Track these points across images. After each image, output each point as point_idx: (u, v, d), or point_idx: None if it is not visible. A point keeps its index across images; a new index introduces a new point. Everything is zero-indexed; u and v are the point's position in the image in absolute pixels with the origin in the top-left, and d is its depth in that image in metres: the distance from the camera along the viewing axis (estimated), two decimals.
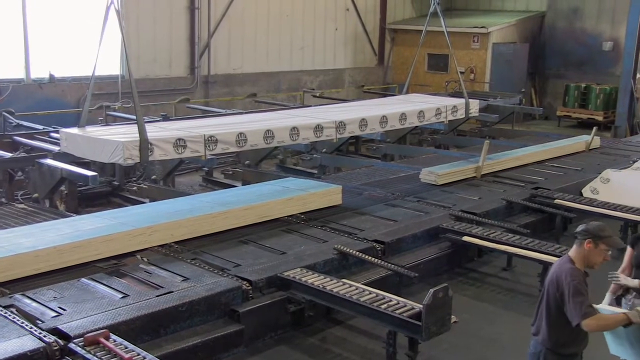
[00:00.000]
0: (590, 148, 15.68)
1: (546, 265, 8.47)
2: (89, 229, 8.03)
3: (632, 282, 5.69)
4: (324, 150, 14.26)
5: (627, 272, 5.85)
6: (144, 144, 8.61)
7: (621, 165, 13.78)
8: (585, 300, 4.70)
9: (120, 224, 8.22)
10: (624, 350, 4.83)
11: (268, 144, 10.66)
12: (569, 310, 4.75)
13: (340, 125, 11.59)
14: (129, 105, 13.30)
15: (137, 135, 8.67)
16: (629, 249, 5.89)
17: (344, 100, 18.01)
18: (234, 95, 20.15)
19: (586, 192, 12.30)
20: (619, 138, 18.86)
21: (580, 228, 4.95)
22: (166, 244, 8.21)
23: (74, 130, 9.76)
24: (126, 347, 5.42)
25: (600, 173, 12.84)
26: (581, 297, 4.69)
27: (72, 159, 10.48)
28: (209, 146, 9.46)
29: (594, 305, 4.90)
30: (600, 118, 21.71)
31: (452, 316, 6.61)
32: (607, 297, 5.83)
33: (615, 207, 10.65)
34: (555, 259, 8.27)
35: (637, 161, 13.93)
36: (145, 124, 9.06)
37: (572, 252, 4.96)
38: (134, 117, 9.56)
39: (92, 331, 5.71)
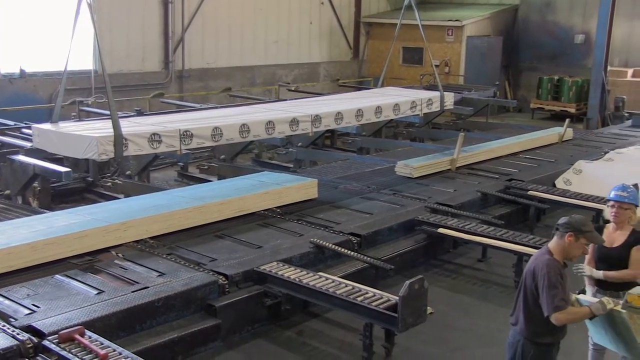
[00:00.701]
0: (563, 140, 15.84)
1: (520, 256, 8.58)
2: (63, 225, 7.96)
3: (597, 274, 5.77)
4: (299, 144, 14.26)
5: (591, 266, 5.91)
6: (119, 139, 8.54)
7: (593, 156, 13.94)
8: (559, 292, 4.74)
9: (94, 220, 8.15)
10: (603, 338, 4.89)
11: (244, 138, 10.62)
12: (542, 301, 4.81)
13: (316, 119, 11.59)
14: (103, 101, 13.16)
15: (111, 130, 8.60)
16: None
17: (320, 94, 17.99)
18: (208, 90, 20.05)
19: (559, 183, 12.44)
20: (591, 130, 19.06)
21: (562, 220, 4.98)
22: (141, 240, 8.16)
23: (46, 126, 9.65)
24: (102, 344, 5.39)
25: (573, 164, 12.99)
26: (555, 289, 4.74)
27: (45, 155, 10.35)
28: (184, 141, 9.41)
29: (574, 295, 4.96)
30: (572, 110, 21.89)
31: (428, 307, 6.65)
32: (589, 290, 5.89)
33: (588, 197, 10.77)
34: (529, 249, 8.43)
35: (608, 152, 14.11)
36: (120, 119, 8.98)
37: (552, 243, 5.00)
38: (107, 112, 9.48)
39: (66, 328, 5.66)
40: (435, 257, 9.56)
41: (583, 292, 5.67)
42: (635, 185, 10.11)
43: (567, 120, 16.44)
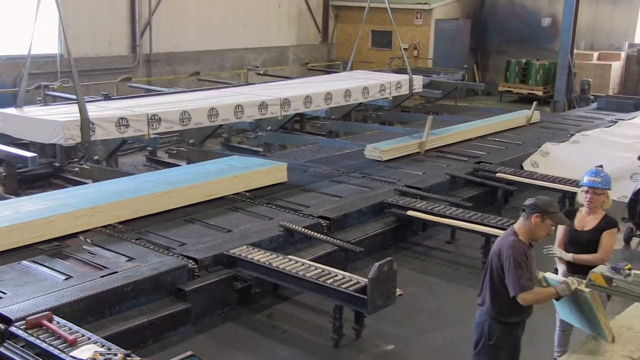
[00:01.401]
0: (531, 122, 16.01)
1: (488, 238, 8.67)
2: (29, 211, 7.87)
3: (567, 256, 5.84)
4: (268, 128, 14.21)
5: (562, 248, 5.99)
6: (85, 124, 8.47)
7: (560, 138, 14.11)
8: (525, 273, 4.79)
9: (61, 206, 8.07)
10: (569, 316, 4.96)
11: (212, 122, 10.59)
12: (508, 282, 4.87)
13: (285, 103, 11.58)
14: (69, 85, 12.98)
15: (78, 114, 8.51)
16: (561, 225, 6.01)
17: (288, 78, 17.93)
18: (176, 74, 19.86)
19: (526, 165, 12.59)
20: (558, 112, 19.28)
21: (528, 202, 5.01)
22: (110, 225, 8.11)
23: (11, 111, 9.53)
24: (70, 329, 5.35)
25: (540, 147, 13.15)
26: (520, 270, 4.79)
27: (10, 140, 10.22)
28: (152, 125, 9.35)
29: (541, 273, 5.03)
30: (540, 93, 22.10)
31: (397, 289, 6.71)
32: (560, 269, 5.95)
33: (554, 179, 10.91)
34: (497, 230, 8.52)
35: (574, 134, 14.29)
36: (86, 104, 8.90)
37: (518, 224, 5.04)
38: (74, 96, 9.37)
39: (34, 314, 5.61)
40: (404, 239, 9.63)
41: (555, 272, 5.73)
42: (600, 167, 10.31)
43: (535, 103, 16.62)
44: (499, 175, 11.23)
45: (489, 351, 4.98)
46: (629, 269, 4.16)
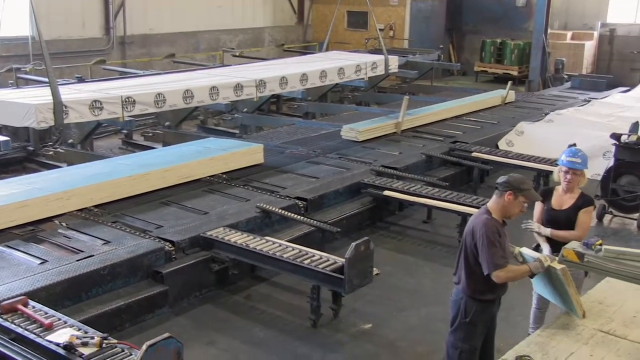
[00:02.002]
0: (506, 102, 16.10)
1: (465, 217, 8.72)
2: (3, 195, 7.78)
3: (545, 231, 5.88)
4: (245, 109, 14.15)
5: None
6: (58, 107, 8.38)
7: (534, 118, 14.22)
8: (498, 251, 4.82)
9: (36, 190, 7.99)
10: (544, 290, 5.02)
11: (187, 104, 10.53)
12: (482, 260, 4.90)
13: (261, 84, 11.54)
14: (41, 68, 12.82)
15: (51, 97, 8.42)
16: (538, 203, 6.05)
17: (264, 60, 17.86)
18: (151, 56, 19.68)
19: (502, 144, 12.68)
20: (533, 92, 19.38)
21: (501, 179, 5.02)
22: (85, 208, 8.05)
23: None
24: (46, 313, 5.32)
25: (515, 126, 13.24)
26: (494, 248, 4.82)
27: None
28: (126, 107, 9.29)
29: (517, 248, 5.08)
30: (515, 73, 22.20)
31: (374, 269, 6.75)
32: (545, 248, 5.89)
33: (529, 158, 11.01)
34: (473, 210, 8.56)
35: (549, 114, 14.40)
36: (60, 86, 8.81)
37: (491, 202, 5.06)
38: (46, 79, 9.25)
39: (9, 299, 5.56)
40: (381, 219, 9.68)
41: (535, 249, 5.75)
42: (573, 145, 10.41)
43: (510, 82, 16.70)
44: (474, 154, 11.29)
45: (465, 328, 5.04)
46: (600, 245, 4.22)
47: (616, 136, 9.72)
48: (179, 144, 11.09)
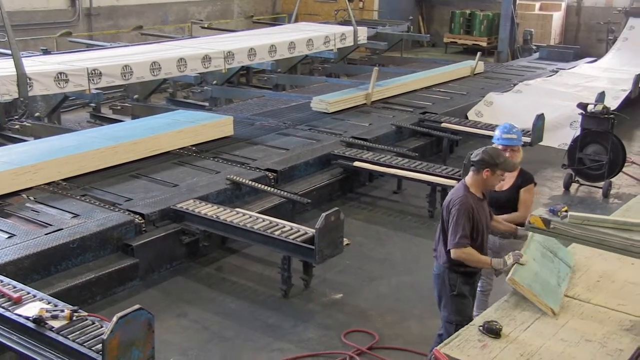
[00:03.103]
0: (475, 73, 16.16)
1: (434, 187, 8.82)
2: None
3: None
4: (214, 82, 14.02)
5: None
6: (22, 79, 8.24)
7: (503, 88, 14.31)
8: (463, 231, 4.82)
9: (2, 163, 7.86)
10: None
11: (155, 76, 10.42)
12: (448, 235, 4.93)
13: (229, 56, 11.43)
14: (4, 40, 12.56)
15: (14, 69, 8.26)
16: None
17: (233, 31, 17.67)
18: (118, 29, 19.36)
19: (471, 115, 12.75)
20: (501, 63, 19.48)
21: (476, 157, 4.95)
22: (53, 182, 7.95)
23: None
24: (15, 287, 5.27)
25: (484, 97, 13.31)
26: (459, 227, 4.83)
27: None
28: (92, 80, 9.16)
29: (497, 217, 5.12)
30: (484, 44, 22.25)
31: (345, 239, 6.78)
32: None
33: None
34: (443, 179, 8.68)
35: (517, 84, 14.50)
36: (24, 59, 8.65)
37: (469, 178, 5.05)
38: (9, 51, 9.07)
39: None
40: (351, 190, 9.72)
41: None
42: (541, 115, 10.54)
43: (479, 53, 16.75)
44: (444, 125, 11.35)
45: (455, 301, 4.99)
46: (566, 211, 4.28)
47: (583, 106, 9.82)
48: (148, 116, 11.01)
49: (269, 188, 8.33)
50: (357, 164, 9.37)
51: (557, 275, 4.56)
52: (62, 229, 6.70)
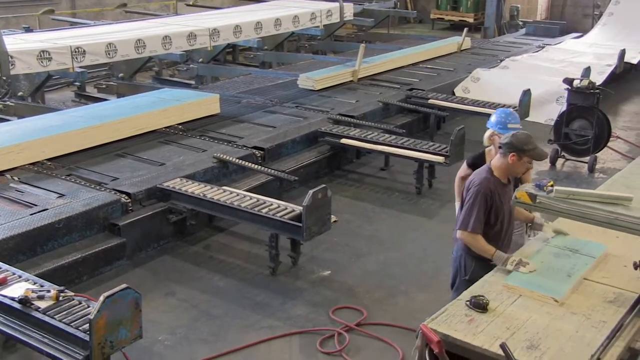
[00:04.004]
0: (462, 49, 16.13)
1: (421, 163, 8.83)
2: None
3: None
4: (200, 60, 13.92)
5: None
6: (4, 57, 8.15)
7: (490, 64, 14.29)
8: (478, 212, 4.69)
9: None
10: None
11: (140, 54, 10.33)
12: (461, 214, 4.82)
13: (214, 33, 11.35)
14: None
15: None
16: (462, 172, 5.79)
17: (219, 8, 17.51)
18: (102, 6, 19.12)
19: (458, 91, 12.74)
20: (488, 38, 19.45)
21: (504, 140, 4.83)
22: (38, 162, 7.89)
23: None
24: (0, 268, 5.25)
25: (470, 73, 13.29)
26: (474, 210, 4.72)
27: None
28: (76, 58, 9.06)
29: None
30: (470, 20, 22.19)
31: (332, 216, 6.78)
32: None
33: (485, 104, 11.09)
34: (430, 156, 8.69)
35: (504, 60, 14.49)
36: (4, 36, 8.53)
37: (495, 160, 4.92)
38: None
39: None
40: (339, 167, 9.72)
41: None
42: (528, 91, 10.55)
43: (465, 29, 16.72)
44: (431, 101, 11.33)
45: (466, 286, 4.74)
46: (552, 186, 4.28)
47: (568, 81, 9.83)
48: (133, 95, 10.92)
49: (256, 166, 8.30)
50: (344, 141, 9.35)
51: (570, 268, 4.49)
52: (47, 209, 6.65)
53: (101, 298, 4.16)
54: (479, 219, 4.73)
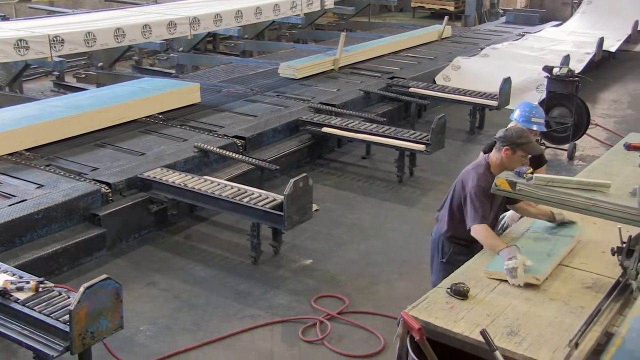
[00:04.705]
0: (443, 37, 16.16)
1: (402, 151, 8.85)
2: None
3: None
4: (180, 49, 13.83)
5: None
6: None
7: (470, 52, 14.34)
8: (484, 208, 4.64)
9: None
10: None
11: (119, 43, 10.24)
12: (466, 212, 4.76)
13: (195, 21, 11.28)
14: None
15: None
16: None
17: None
18: None
19: (439, 79, 12.78)
20: (469, 27, 19.51)
21: (499, 133, 4.82)
22: (16, 152, 7.80)
23: None
24: None
25: (451, 61, 13.34)
26: (478, 203, 4.66)
27: None
28: (54, 47, 8.97)
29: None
30: (451, 8, 22.24)
31: (314, 205, 6.78)
32: None
33: (465, 92, 11.13)
34: (411, 144, 8.72)
35: (484, 48, 14.53)
36: None
37: (492, 154, 4.87)
38: None
39: None
40: (320, 156, 9.71)
41: None
42: (508, 79, 10.60)
43: (446, 18, 16.76)
44: (412, 90, 11.35)
45: (444, 268, 4.89)
46: (531, 173, 4.31)
47: (548, 69, 9.87)
48: (113, 84, 10.83)
49: (237, 155, 8.28)
50: (325, 129, 9.34)
51: (550, 249, 4.52)
52: (26, 200, 6.59)
53: (81, 289, 4.14)
54: (484, 214, 4.67)
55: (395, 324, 3.90)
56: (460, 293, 4.03)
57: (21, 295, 4.53)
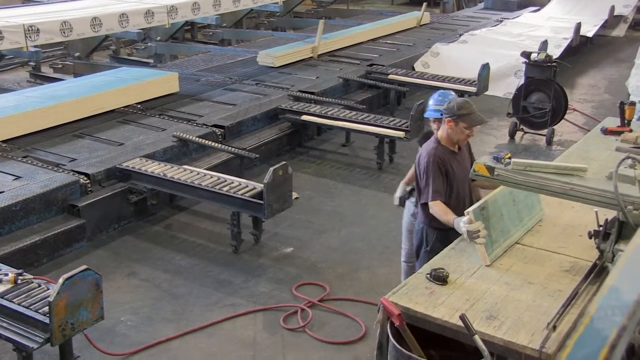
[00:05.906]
0: (421, 24, 16.17)
1: (382, 138, 8.87)
2: None
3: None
4: (158, 38, 13.74)
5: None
6: None
7: (449, 39, 14.35)
8: (435, 182, 4.69)
9: None
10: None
11: (96, 32, 10.15)
12: (422, 188, 4.83)
13: (172, 10, 11.20)
14: None
15: None
16: None
17: None
18: None
19: (418, 66, 12.79)
20: (447, 13, 19.55)
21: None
22: None
23: None
24: None
25: (430, 47, 13.35)
26: (430, 178, 4.71)
27: None
28: (30, 36, 8.87)
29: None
30: None
31: (294, 193, 6.79)
32: (400, 187, 5.69)
33: (444, 78, 11.16)
34: (391, 131, 8.73)
35: (463, 34, 14.56)
36: None
37: (440, 130, 4.92)
38: None
39: None
40: (300, 144, 9.71)
41: None
42: (486, 65, 10.63)
43: (425, 4, 16.75)
44: (391, 77, 11.36)
45: (428, 257, 4.80)
46: (509, 158, 4.33)
47: (526, 54, 9.93)
48: (91, 74, 10.74)
49: (216, 144, 8.25)
50: (304, 117, 9.34)
51: (504, 226, 4.56)
52: (3, 192, 6.54)
53: (60, 280, 4.12)
54: (437, 188, 4.74)
55: (376, 311, 3.92)
56: (439, 278, 4.05)
57: None
